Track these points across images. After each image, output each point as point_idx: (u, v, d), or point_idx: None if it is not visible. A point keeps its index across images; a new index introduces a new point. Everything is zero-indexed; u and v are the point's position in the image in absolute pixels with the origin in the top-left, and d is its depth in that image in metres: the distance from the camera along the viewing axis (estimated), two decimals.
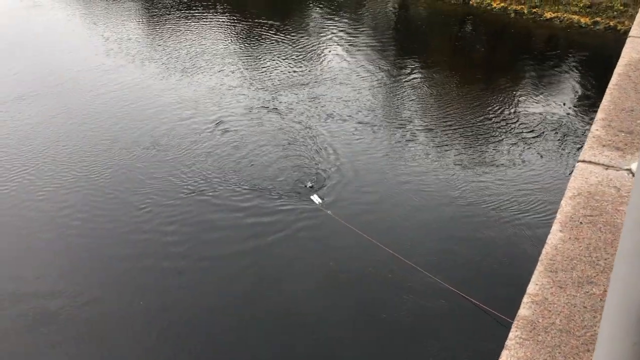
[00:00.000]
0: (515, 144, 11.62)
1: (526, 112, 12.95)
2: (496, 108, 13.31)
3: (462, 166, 10.84)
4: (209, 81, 14.94)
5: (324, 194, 9.89)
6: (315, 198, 9.68)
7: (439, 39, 19.32)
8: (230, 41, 17.93)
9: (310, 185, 10.04)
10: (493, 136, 12.01)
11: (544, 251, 2.92)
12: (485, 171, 10.68)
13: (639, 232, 1.02)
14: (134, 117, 13.13)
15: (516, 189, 10.06)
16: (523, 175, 10.52)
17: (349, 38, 18.09)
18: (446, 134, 12.11)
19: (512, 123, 12.53)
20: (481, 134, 12.07)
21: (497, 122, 12.58)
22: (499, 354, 2.61)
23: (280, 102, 13.67)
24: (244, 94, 14.17)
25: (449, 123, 12.60)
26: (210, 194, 10.08)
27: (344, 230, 8.96)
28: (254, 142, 11.83)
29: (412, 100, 13.98)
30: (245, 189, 10.17)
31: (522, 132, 12.07)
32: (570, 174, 3.67)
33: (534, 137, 11.82)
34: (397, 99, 14.03)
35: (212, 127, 12.51)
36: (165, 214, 9.56)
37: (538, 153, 11.25)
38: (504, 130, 12.20)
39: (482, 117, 12.81)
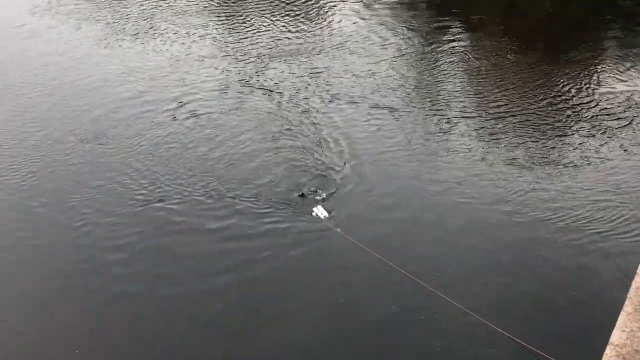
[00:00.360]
0: (591, 136, 11.49)
1: (608, 93, 12.80)
2: (566, 87, 13.18)
3: (518, 168, 10.69)
4: (169, 48, 14.94)
5: (330, 205, 9.85)
6: (319, 211, 9.61)
7: None
8: None
9: (314, 192, 10.04)
10: (561, 126, 11.89)
11: (633, 284, 2.87)
12: (550, 174, 10.55)
13: None
14: (68, 98, 13.04)
15: (592, 199, 9.94)
16: (603, 180, 10.44)
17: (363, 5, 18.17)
18: (496, 123, 12.00)
19: (588, 108, 12.39)
20: (544, 124, 11.96)
21: (566, 107, 12.42)
22: None
23: (269, 78, 13.57)
24: (218, 67, 14.14)
25: (499, 108, 12.49)
26: (172, 205, 10.06)
27: (358, 255, 8.92)
28: (232, 132, 11.74)
29: (449, 75, 13.86)
30: (221, 198, 10.12)
31: (603, 120, 11.94)
32: None
33: (618, 127, 11.72)
34: (429, 74, 13.88)
35: (173, 111, 12.45)
36: (109, 234, 9.52)
37: (624, 149, 11.17)
38: (576, 118, 12.06)
39: (546, 100, 12.69)
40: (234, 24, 16.20)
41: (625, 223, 9.45)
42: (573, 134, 11.69)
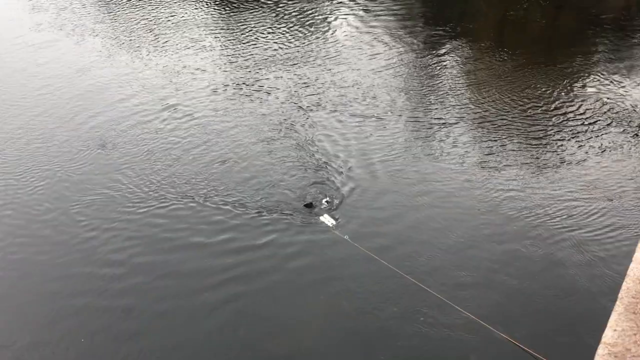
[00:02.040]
0: (591, 144, 11.49)
1: (604, 103, 12.78)
2: (564, 98, 13.17)
3: (509, 172, 10.69)
4: (169, 60, 14.98)
5: (333, 211, 9.88)
6: (327, 219, 9.64)
7: (483, 9, 19.36)
8: (203, 10, 18.07)
9: (319, 202, 10.06)
10: (551, 133, 11.87)
11: (624, 286, 2.88)
12: (540, 179, 10.53)
13: None
14: (70, 106, 13.14)
15: (582, 202, 9.96)
16: (592, 183, 10.42)
17: (364, 3, 18.21)
18: (489, 131, 12.00)
19: (577, 114, 12.38)
20: (535, 130, 11.95)
21: (567, 117, 12.40)
22: None
23: (269, 87, 13.63)
24: (215, 78, 14.17)
25: (492, 115, 12.49)
26: (189, 208, 10.09)
27: (360, 259, 8.93)
28: (232, 141, 11.77)
29: (444, 85, 13.87)
30: (222, 204, 10.15)
31: (591, 125, 11.95)
32: None
33: (615, 135, 11.69)
34: (424, 84, 13.90)
35: (172, 120, 12.57)
36: (110, 241, 9.50)
37: (611, 153, 11.18)
38: (577, 128, 12.03)
39: (545, 110, 12.66)
40: (231, 36, 16.27)
41: (616, 225, 9.45)
42: (563, 140, 11.70)
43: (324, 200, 10.10)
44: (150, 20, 17.23)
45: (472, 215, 9.84)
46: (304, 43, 15.80)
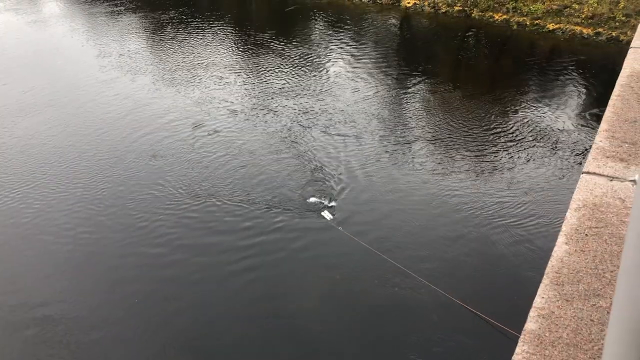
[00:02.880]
0: (519, 155, 11.65)
1: (530, 124, 12.99)
2: (500, 121, 13.36)
3: (456, 177, 10.86)
4: (200, 93, 15.08)
5: (331, 209, 9.92)
6: (326, 214, 9.72)
7: (441, 51, 19.45)
8: (228, 54, 18.08)
9: (325, 204, 10.05)
10: (497, 149, 12.03)
11: (550, 264, 2.92)
12: (479, 181, 10.70)
13: None
14: (128, 128, 13.22)
15: (510, 198, 10.07)
16: (528, 186, 10.53)
17: (350, 50, 18.24)
18: (441, 146, 12.16)
19: (516, 136, 12.57)
20: (485, 147, 12.10)
21: (501, 135, 12.60)
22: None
23: (276, 112, 13.75)
24: (235, 105, 14.28)
25: (444, 134, 12.66)
26: (217, 205, 10.09)
27: (349, 244, 8.96)
28: (248, 151, 11.93)
29: (408, 111, 14.06)
30: (241, 202, 10.19)
31: (527, 144, 12.11)
32: (574, 185, 3.69)
33: (537, 149, 11.85)
34: (393, 110, 14.09)
35: (203, 136, 12.70)
36: (159, 227, 9.59)
37: (543, 164, 11.28)
38: (508, 143, 12.22)
39: (486, 130, 12.85)
40: (248, 74, 16.37)
41: (545, 217, 9.51)
42: (507, 154, 11.85)
43: (323, 201, 10.06)
44: (188, 63, 17.22)
45: (429, 207, 9.96)
46: (303, 79, 15.95)
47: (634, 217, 1.03)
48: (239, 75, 16.30)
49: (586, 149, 11.83)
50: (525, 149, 11.82)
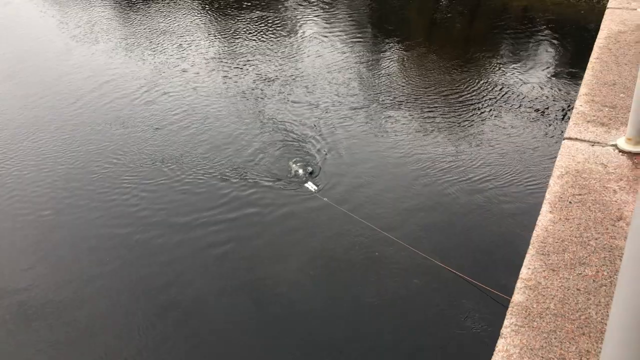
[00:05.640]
0: (500, 118, 11.69)
1: (507, 86, 13.02)
2: (477, 83, 13.35)
3: (436, 143, 10.88)
4: (164, 59, 14.69)
5: (314, 178, 9.84)
6: (310, 185, 9.60)
7: (415, 14, 19.25)
8: (190, 21, 17.57)
9: (307, 171, 9.90)
10: (477, 113, 12.05)
11: (534, 233, 2.93)
12: (461, 147, 10.74)
13: None
14: (91, 96, 12.87)
15: (492, 164, 10.14)
16: (498, 150, 10.60)
17: (321, 14, 17.90)
18: (429, 111, 12.13)
19: (495, 99, 12.59)
20: (464, 110, 12.11)
21: (479, 99, 12.61)
22: (493, 331, 2.61)
23: (256, 92, 13.49)
24: (206, 75, 13.96)
25: (430, 99, 12.61)
26: (190, 177, 9.93)
27: (331, 212, 8.97)
28: (215, 120, 11.72)
29: (391, 76, 13.94)
30: (229, 177, 10.06)
31: (505, 108, 12.16)
32: (556, 150, 3.69)
33: (517, 111, 11.91)
34: (376, 77, 13.96)
35: (171, 105, 12.49)
36: (137, 208, 9.41)
37: (525, 127, 11.34)
38: (487, 107, 12.24)
39: (463, 93, 12.84)
40: (213, 40, 15.83)
41: (529, 183, 9.57)
42: (486, 119, 11.89)
43: (306, 170, 9.94)
44: (150, 30, 16.70)
45: (408, 172, 10.06)
46: (271, 45, 15.83)
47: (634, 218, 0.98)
48: (204, 41, 15.94)
49: (564, 111, 11.95)
50: (506, 111, 11.88)
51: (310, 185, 9.61)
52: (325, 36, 16.22)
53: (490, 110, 12.06)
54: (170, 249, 8.50)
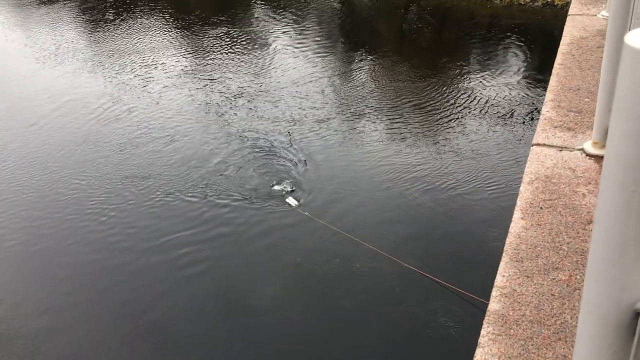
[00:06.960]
0: (468, 125, 11.89)
1: (475, 94, 13.27)
2: (446, 91, 13.58)
3: (409, 151, 10.99)
4: (134, 76, 14.57)
5: (293, 193, 9.82)
6: (290, 200, 9.55)
7: (384, 26, 19.53)
8: (160, 38, 17.50)
9: (284, 187, 9.87)
10: (446, 121, 12.23)
11: (507, 240, 2.97)
12: (432, 154, 10.87)
13: (611, 236, 1.01)
14: (59, 119, 12.65)
15: (463, 170, 10.29)
16: (468, 155, 10.76)
17: (290, 29, 18.00)
18: (401, 122, 12.26)
19: (455, 105, 12.82)
20: (434, 119, 12.29)
21: (449, 106, 12.81)
22: (473, 336, 2.62)
23: (226, 107, 13.46)
24: (176, 91, 13.90)
25: (402, 110, 12.77)
26: (165, 196, 9.81)
27: (309, 225, 8.97)
28: (198, 143, 11.64)
29: (363, 87, 14.08)
30: (207, 196, 9.96)
31: (474, 114, 12.37)
32: (525, 155, 3.76)
33: (485, 119, 12.12)
34: (347, 88, 14.07)
35: (140, 123, 12.39)
36: (99, 229, 9.27)
37: (494, 133, 11.54)
38: (457, 115, 12.43)
39: (433, 102, 13.03)
40: (187, 56, 15.79)
41: (498, 189, 9.71)
42: (454, 126, 12.08)
43: (283, 185, 9.91)
44: (120, 49, 16.55)
45: (385, 182, 10.06)
46: (241, 60, 15.81)
47: (602, 201, 1.01)
48: (169, 59, 15.87)
49: (532, 115, 12.20)
50: (475, 118, 12.08)
51: (290, 201, 9.53)
52: (295, 49, 16.32)
53: (460, 117, 12.24)
54: (145, 273, 8.35)
